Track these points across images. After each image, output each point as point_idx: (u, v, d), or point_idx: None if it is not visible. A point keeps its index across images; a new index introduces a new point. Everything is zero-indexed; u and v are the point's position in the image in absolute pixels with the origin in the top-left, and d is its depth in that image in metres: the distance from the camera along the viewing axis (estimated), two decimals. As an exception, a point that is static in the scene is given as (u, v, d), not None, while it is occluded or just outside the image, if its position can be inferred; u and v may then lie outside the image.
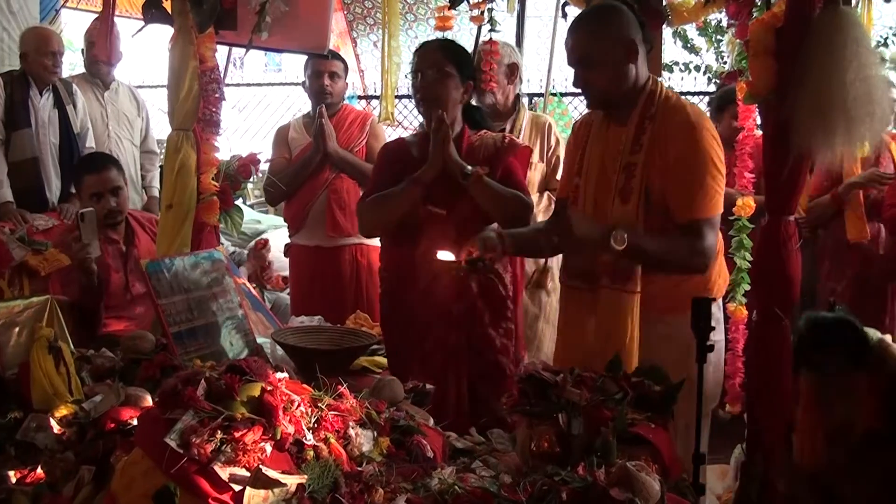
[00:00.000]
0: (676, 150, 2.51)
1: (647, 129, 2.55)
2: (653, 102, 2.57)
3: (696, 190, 2.50)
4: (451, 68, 2.84)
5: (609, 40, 2.55)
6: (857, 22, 2.51)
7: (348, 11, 8.08)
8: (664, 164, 2.51)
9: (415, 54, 2.92)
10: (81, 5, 6.05)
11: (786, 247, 2.63)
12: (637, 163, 2.53)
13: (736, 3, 3.18)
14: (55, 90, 4.51)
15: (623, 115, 2.61)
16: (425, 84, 2.85)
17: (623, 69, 2.56)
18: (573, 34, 2.62)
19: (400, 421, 1.90)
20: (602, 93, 2.59)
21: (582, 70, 2.58)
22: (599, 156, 2.64)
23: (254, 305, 3.29)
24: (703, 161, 2.51)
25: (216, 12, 3.09)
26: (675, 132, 2.52)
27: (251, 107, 10.26)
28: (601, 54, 2.55)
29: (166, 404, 1.67)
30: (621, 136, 2.59)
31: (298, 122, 4.43)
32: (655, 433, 2.02)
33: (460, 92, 2.89)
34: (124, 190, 3.62)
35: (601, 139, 2.66)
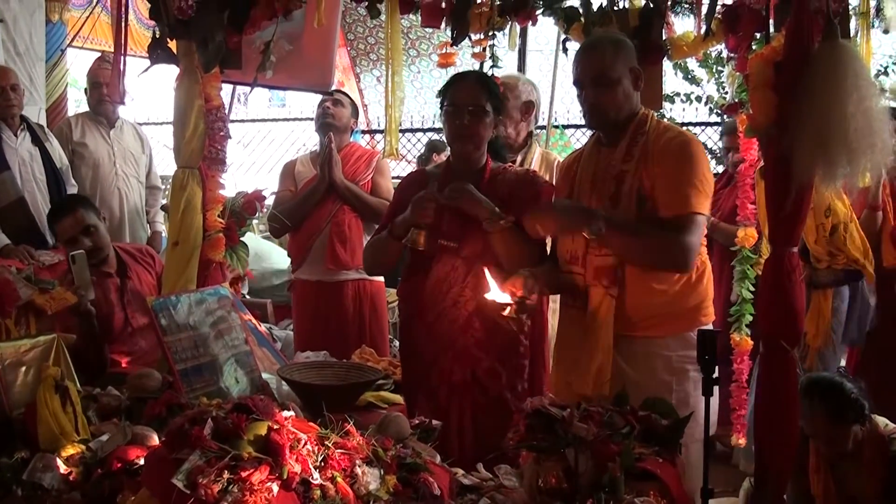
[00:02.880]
0: (667, 156, 2.60)
1: (639, 143, 2.65)
2: (645, 123, 2.68)
3: (683, 186, 2.56)
4: (488, 105, 2.85)
5: (622, 64, 2.64)
6: (856, 55, 2.53)
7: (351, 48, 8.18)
8: (655, 168, 2.59)
9: (448, 86, 2.92)
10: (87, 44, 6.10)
11: (790, 279, 2.63)
12: (628, 170, 2.62)
13: (735, 36, 3.21)
14: (30, 129, 4.53)
15: (615, 138, 2.70)
16: (463, 122, 2.83)
17: (630, 93, 2.66)
18: (588, 54, 2.70)
19: (406, 458, 1.89)
20: (608, 114, 2.66)
21: (593, 90, 2.65)
22: (590, 175, 2.73)
23: (259, 341, 3.29)
24: (691, 163, 2.59)
25: (221, 52, 3.12)
26: (667, 143, 2.62)
27: (256, 142, 10.32)
28: (615, 75, 2.63)
29: (173, 444, 1.67)
30: (613, 154, 2.68)
31: (305, 157, 4.49)
32: (663, 468, 2.01)
33: (492, 128, 2.92)
34: (99, 226, 3.58)
35: (592, 161, 2.75)
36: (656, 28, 3.45)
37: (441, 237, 2.85)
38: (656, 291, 2.60)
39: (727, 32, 3.29)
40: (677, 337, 2.63)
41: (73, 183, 4.61)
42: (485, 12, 3.53)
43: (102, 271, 3.58)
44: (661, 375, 2.59)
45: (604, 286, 2.58)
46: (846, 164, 2.45)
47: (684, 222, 2.55)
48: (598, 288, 2.60)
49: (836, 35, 2.48)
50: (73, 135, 4.82)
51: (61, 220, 3.58)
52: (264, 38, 3.33)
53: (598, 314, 2.59)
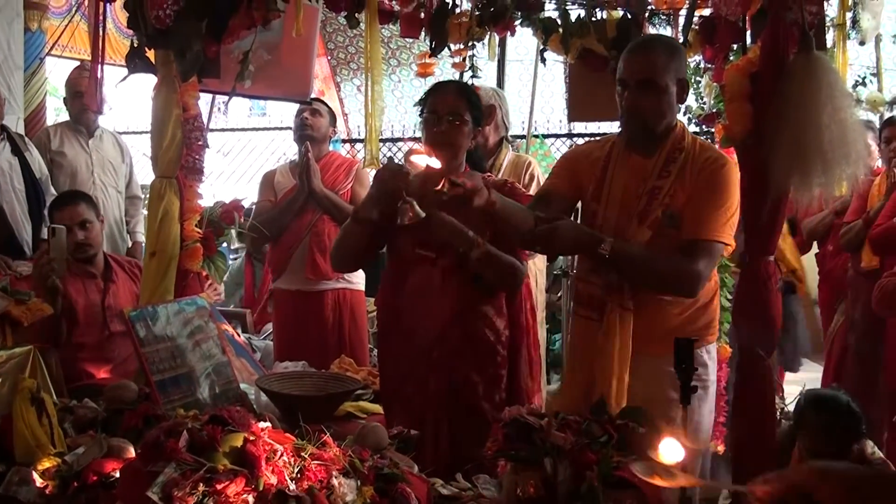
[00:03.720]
0: (703, 177, 2.53)
1: (678, 159, 2.56)
2: (683, 138, 2.59)
3: (709, 212, 2.50)
4: (467, 115, 2.84)
5: (673, 71, 2.54)
6: (831, 66, 2.56)
7: (331, 57, 8.17)
8: (689, 188, 2.53)
9: (428, 94, 2.91)
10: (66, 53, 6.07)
11: (766, 287, 2.66)
12: (663, 187, 2.54)
13: (712, 48, 3.24)
14: (10, 139, 4.51)
15: (650, 148, 2.59)
16: (441, 130, 2.82)
17: (673, 104, 2.57)
18: (638, 54, 2.56)
19: (384, 469, 1.89)
20: (648, 120, 2.55)
21: (638, 92, 2.52)
22: (622, 184, 2.61)
23: (237, 352, 3.28)
24: (723, 189, 2.52)
25: (199, 62, 3.12)
26: (705, 165, 2.54)
27: (236, 151, 10.30)
28: (663, 81, 2.51)
29: (148, 456, 1.66)
30: (647, 166, 2.59)
31: (285, 167, 4.49)
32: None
33: (470, 138, 2.90)
34: (95, 224, 3.59)
35: (624, 169, 2.63)
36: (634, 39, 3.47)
37: (418, 247, 2.84)
38: (669, 314, 2.57)
39: (704, 44, 3.32)
40: None
41: (52, 192, 4.58)
42: (464, 23, 3.55)
43: (88, 271, 3.57)
44: (668, 392, 2.51)
45: (618, 302, 2.53)
46: (821, 174, 2.48)
47: (701, 248, 2.49)
48: (613, 303, 2.54)
49: (812, 47, 2.51)
50: (51, 144, 4.80)
51: (62, 209, 3.58)
52: (243, 47, 3.33)
53: (613, 327, 2.53)
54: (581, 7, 3.63)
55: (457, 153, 2.87)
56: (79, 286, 3.52)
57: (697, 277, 2.49)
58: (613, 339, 2.52)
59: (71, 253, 3.45)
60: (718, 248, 2.53)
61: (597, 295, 2.58)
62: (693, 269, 2.48)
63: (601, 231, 2.57)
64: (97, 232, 3.62)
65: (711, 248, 2.50)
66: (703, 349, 2.61)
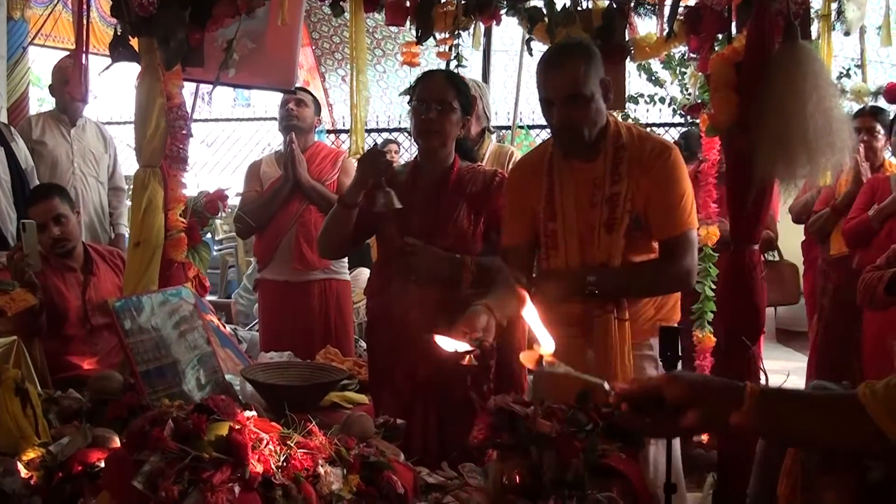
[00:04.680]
0: (655, 173, 2.51)
1: (624, 159, 2.52)
2: (620, 134, 2.56)
3: (674, 207, 2.50)
4: (455, 102, 2.84)
5: (595, 77, 2.49)
6: (816, 56, 2.57)
7: (316, 47, 8.14)
8: (645, 187, 2.51)
9: (418, 82, 2.91)
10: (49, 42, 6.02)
11: (751, 275, 2.68)
12: (620, 192, 2.51)
13: (697, 37, 3.24)
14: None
15: (591, 151, 2.55)
16: (429, 117, 2.81)
17: (601, 108, 2.53)
18: (559, 69, 2.49)
19: (370, 457, 1.88)
20: (583, 132, 2.49)
21: (566, 107, 2.47)
22: (573, 195, 2.57)
23: (222, 342, 3.26)
24: (679, 180, 2.52)
25: (183, 50, 3.10)
26: (651, 157, 2.52)
27: (220, 141, 10.25)
28: (589, 91, 2.46)
29: (133, 446, 1.65)
30: (593, 170, 2.55)
31: (271, 157, 4.46)
32: (626, 464, 2.02)
33: (459, 126, 2.90)
34: (70, 218, 3.55)
35: (569, 177, 2.59)
36: (619, 29, 3.48)
37: (406, 234, 2.84)
38: (650, 303, 2.60)
39: (689, 33, 3.32)
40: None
41: (37, 183, 4.55)
42: (449, 11, 3.55)
43: (67, 265, 3.54)
44: (650, 373, 2.58)
45: (614, 315, 2.50)
46: (806, 163, 2.49)
47: (680, 244, 2.50)
48: (604, 316, 2.51)
49: (797, 36, 2.52)
50: (32, 133, 4.75)
51: (35, 205, 3.54)
52: (227, 35, 3.32)
53: (614, 339, 2.50)
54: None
55: (445, 141, 2.87)
56: (58, 280, 3.49)
57: (689, 272, 2.52)
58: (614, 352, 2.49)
59: (49, 248, 3.42)
60: (694, 235, 2.56)
61: (576, 312, 2.54)
62: (683, 267, 2.50)
63: (566, 248, 2.56)
64: (73, 225, 3.58)
65: (689, 238, 2.52)
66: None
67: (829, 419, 1.28)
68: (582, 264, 2.53)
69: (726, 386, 1.34)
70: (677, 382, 1.35)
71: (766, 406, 1.29)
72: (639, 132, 2.61)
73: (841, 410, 1.28)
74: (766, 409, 1.29)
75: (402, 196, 2.81)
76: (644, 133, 2.63)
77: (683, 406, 1.33)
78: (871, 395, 1.24)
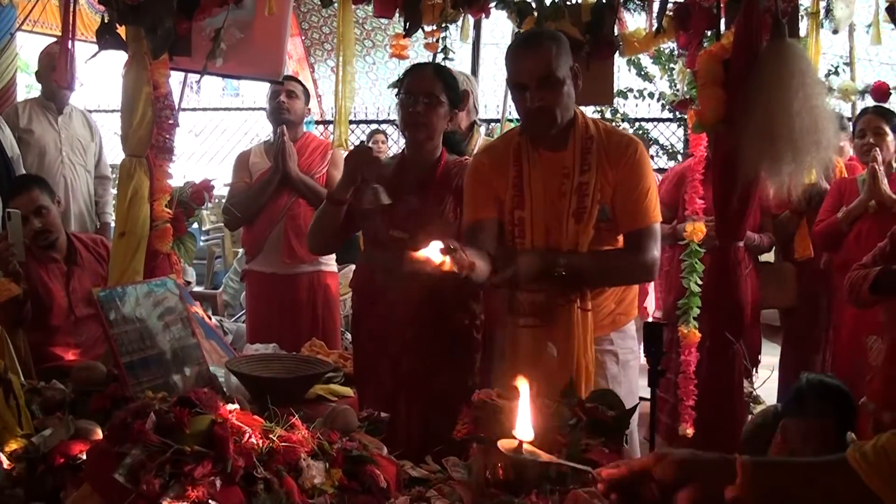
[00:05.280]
0: (623, 166, 2.54)
1: (592, 150, 2.55)
2: (588, 126, 2.58)
3: (640, 200, 2.53)
4: (443, 95, 2.83)
5: (565, 62, 2.51)
6: (803, 54, 2.58)
7: (306, 37, 8.10)
8: (612, 179, 2.54)
9: (405, 75, 2.91)
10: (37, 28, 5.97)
11: (735, 272, 2.69)
12: (589, 181, 2.53)
13: (686, 34, 3.25)
14: None
15: (558, 141, 2.56)
16: (416, 110, 2.81)
17: (572, 94, 2.54)
18: (530, 52, 2.51)
19: (352, 451, 1.88)
20: (556, 116, 2.50)
21: (540, 90, 2.47)
22: (542, 183, 2.58)
23: (207, 334, 3.25)
24: (644, 174, 2.55)
25: (170, 39, 3.08)
26: (619, 150, 2.55)
27: (208, 131, 10.22)
28: (561, 74, 2.48)
29: (115, 438, 1.65)
30: (562, 160, 2.56)
31: (260, 147, 4.42)
32: (609, 458, 2.02)
33: (446, 119, 2.89)
34: (52, 209, 3.52)
35: (538, 167, 2.59)
36: (608, 24, 3.48)
37: (392, 229, 2.84)
38: (610, 296, 2.63)
39: (678, 29, 3.33)
40: (619, 331, 2.67)
41: (23, 172, 4.52)
42: (438, 4, 3.54)
43: (49, 256, 3.52)
44: (612, 369, 2.64)
45: (578, 304, 2.52)
46: (791, 161, 2.51)
47: (645, 235, 2.54)
48: (567, 305, 2.52)
49: (784, 34, 2.53)
50: (19, 121, 4.72)
51: (15, 197, 3.51)
52: (214, 25, 3.30)
53: (578, 329, 2.52)
54: (556, -10, 3.62)
55: (432, 134, 2.86)
56: (42, 271, 3.47)
57: (654, 263, 2.55)
58: (577, 342, 2.52)
59: (31, 241, 3.40)
60: (658, 228, 2.58)
61: (539, 301, 2.55)
62: (648, 258, 2.53)
63: (533, 236, 2.57)
64: (55, 216, 3.55)
65: (653, 230, 2.56)
66: (630, 323, 2.72)
67: (823, 488, 1.26)
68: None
69: (716, 460, 1.31)
70: (666, 462, 1.31)
71: (760, 477, 1.26)
72: (605, 126, 2.64)
73: (834, 478, 1.25)
74: (760, 481, 1.26)
75: (389, 189, 2.81)
76: (610, 127, 2.67)
77: (675, 485, 1.29)
78: (862, 460, 1.22)
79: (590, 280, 2.53)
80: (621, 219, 2.54)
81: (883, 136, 4.11)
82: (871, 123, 4.14)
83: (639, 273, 2.59)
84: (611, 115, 7.94)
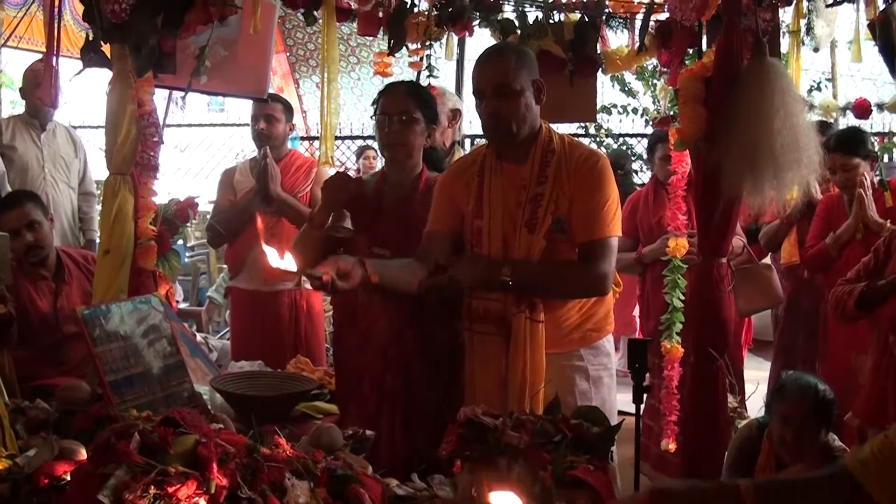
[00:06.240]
0: (580, 178, 2.56)
1: (552, 163, 2.58)
2: (551, 140, 2.62)
3: (597, 212, 2.55)
4: (418, 113, 2.85)
5: (526, 74, 2.55)
6: (784, 73, 2.61)
7: (291, 53, 8.11)
8: (570, 190, 2.56)
9: (380, 95, 2.92)
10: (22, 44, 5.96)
11: (718, 288, 2.71)
12: (543, 193, 2.57)
13: (668, 52, 3.28)
14: None
15: (520, 154, 2.61)
16: (392, 130, 2.83)
17: (531, 106, 2.58)
18: (490, 62, 2.58)
19: (337, 470, 1.88)
20: (510, 125, 2.54)
21: (496, 100, 2.53)
22: (501, 194, 2.62)
23: (192, 351, 3.24)
24: (604, 187, 2.57)
25: (155, 57, 3.08)
26: (579, 162, 2.58)
27: (193, 147, 10.19)
28: (518, 85, 2.52)
29: (99, 459, 1.64)
30: (521, 173, 2.60)
31: (245, 165, 4.40)
32: (594, 475, 2.03)
33: (424, 136, 2.91)
34: (44, 224, 3.51)
35: (499, 178, 2.64)
36: (591, 42, 3.51)
37: (374, 245, 2.85)
38: (570, 313, 2.64)
39: (660, 48, 3.37)
40: (591, 347, 2.69)
41: (8, 189, 4.50)
42: (422, 22, 3.56)
43: (39, 273, 3.50)
44: (581, 385, 2.65)
45: (526, 315, 2.53)
46: (773, 178, 2.53)
47: (599, 248, 2.55)
48: (521, 316, 2.53)
49: (765, 52, 2.56)
50: (2, 138, 4.70)
51: (6, 213, 3.49)
52: (199, 42, 3.29)
53: (526, 340, 2.52)
54: (539, 9, 3.65)
55: (410, 152, 2.88)
56: (31, 288, 3.45)
57: (605, 277, 2.56)
58: (525, 353, 2.52)
59: (22, 255, 3.38)
60: (614, 242, 2.60)
61: (494, 309, 2.57)
62: (599, 271, 2.55)
63: (490, 246, 2.60)
64: (47, 231, 3.54)
65: (608, 244, 2.57)
66: (603, 339, 2.73)
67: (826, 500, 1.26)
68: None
69: (719, 489, 1.30)
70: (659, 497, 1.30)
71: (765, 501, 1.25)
72: (570, 141, 2.67)
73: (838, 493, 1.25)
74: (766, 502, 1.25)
75: (370, 206, 2.82)
76: (576, 142, 2.69)
77: None
78: (863, 468, 1.22)
79: (537, 290, 2.54)
80: (576, 230, 2.57)
81: (853, 169, 4.04)
82: (837, 162, 4.06)
83: (587, 285, 2.58)
84: (595, 131, 7.99)
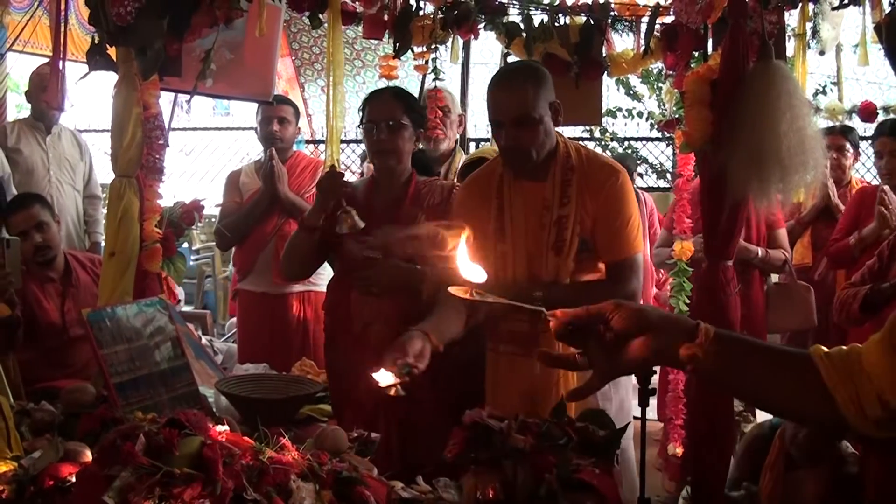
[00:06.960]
0: (603, 198, 2.54)
1: (573, 181, 2.55)
2: (570, 156, 2.58)
3: (621, 231, 2.54)
4: (405, 119, 2.85)
5: (544, 100, 2.52)
6: (790, 75, 2.61)
7: (296, 57, 8.11)
8: (592, 210, 2.54)
9: (366, 103, 2.93)
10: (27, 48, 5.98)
11: (724, 291, 2.70)
12: (568, 214, 2.53)
13: (673, 55, 3.28)
14: None
15: (540, 172, 2.57)
16: (381, 137, 2.83)
17: (550, 129, 2.55)
18: (508, 94, 2.53)
19: (342, 473, 1.88)
20: (531, 154, 2.52)
21: (515, 129, 2.49)
22: (522, 214, 2.59)
23: (197, 354, 3.24)
24: (626, 204, 2.56)
25: (160, 60, 3.09)
26: (599, 179, 2.55)
27: (198, 150, 10.20)
28: (537, 113, 2.49)
29: (104, 460, 1.64)
30: (543, 192, 2.57)
31: (250, 167, 4.43)
32: (600, 479, 2.03)
33: (413, 141, 2.91)
34: (52, 226, 3.54)
35: (520, 197, 2.60)
36: (596, 45, 3.51)
37: (365, 249, 2.85)
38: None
39: (665, 51, 3.37)
40: None
41: (14, 192, 4.51)
42: (427, 25, 3.56)
43: (47, 275, 3.51)
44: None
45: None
46: (779, 181, 2.52)
47: (626, 267, 2.54)
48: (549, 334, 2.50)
49: (771, 55, 2.56)
50: (7, 141, 4.72)
51: (15, 214, 3.51)
52: (205, 46, 3.31)
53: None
54: (544, 12, 3.65)
55: (400, 158, 2.89)
56: (38, 290, 3.46)
57: (634, 295, 2.55)
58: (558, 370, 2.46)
59: (31, 257, 3.39)
60: (640, 259, 2.59)
61: (521, 330, 2.54)
62: (629, 290, 2.53)
63: (515, 269, 2.57)
64: (55, 233, 3.56)
65: (635, 262, 2.56)
66: None
67: (780, 374, 1.23)
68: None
69: (678, 318, 1.29)
70: (624, 309, 1.27)
71: (720, 346, 1.22)
72: (587, 153, 2.63)
73: (793, 367, 1.22)
74: (720, 349, 1.22)
75: (361, 212, 2.82)
76: (593, 154, 2.66)
77: (630, 334, 1.26)
78: (826, 357, 1.19)
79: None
80: (601, 250, 2.55)
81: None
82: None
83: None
84: (600, 135, 7.98)
